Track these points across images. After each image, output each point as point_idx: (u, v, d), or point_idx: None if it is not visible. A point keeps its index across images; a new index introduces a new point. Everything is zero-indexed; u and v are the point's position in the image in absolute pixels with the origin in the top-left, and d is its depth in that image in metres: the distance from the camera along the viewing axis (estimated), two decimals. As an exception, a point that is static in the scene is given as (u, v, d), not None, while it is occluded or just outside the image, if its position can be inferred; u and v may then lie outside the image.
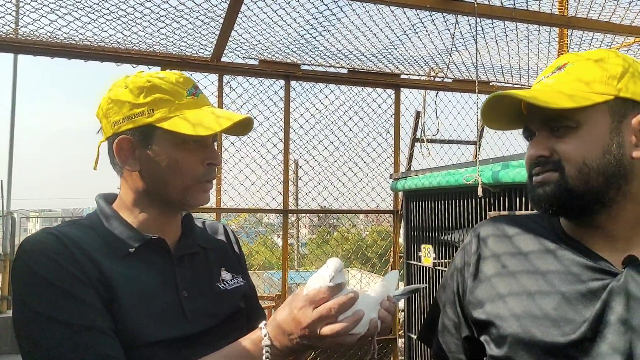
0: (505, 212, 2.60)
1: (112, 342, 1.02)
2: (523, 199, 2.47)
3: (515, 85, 4.76)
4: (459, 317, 1.18)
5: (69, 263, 1.03)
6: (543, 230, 1.09)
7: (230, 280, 1.30)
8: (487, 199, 2.78)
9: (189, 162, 1.15)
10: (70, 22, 3.08)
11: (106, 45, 3.57)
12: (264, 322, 1.12)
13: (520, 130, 1.10)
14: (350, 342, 1.07)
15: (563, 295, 0.98)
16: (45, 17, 2.99)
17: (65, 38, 3.40)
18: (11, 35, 3.37)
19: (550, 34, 3.66)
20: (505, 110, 1.06)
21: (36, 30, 3.25)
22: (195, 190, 1.17)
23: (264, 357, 1.07)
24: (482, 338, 1.12)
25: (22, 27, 3.23)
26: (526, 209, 2.46)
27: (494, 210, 2.72)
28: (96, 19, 3.06)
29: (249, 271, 1.47)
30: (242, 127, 1.25)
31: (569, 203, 0.98)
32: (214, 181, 1.25)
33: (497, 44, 3.76)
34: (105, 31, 3.28)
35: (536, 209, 1.05)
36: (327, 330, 1.03)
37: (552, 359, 0.96)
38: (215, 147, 1.25)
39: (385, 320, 1.12)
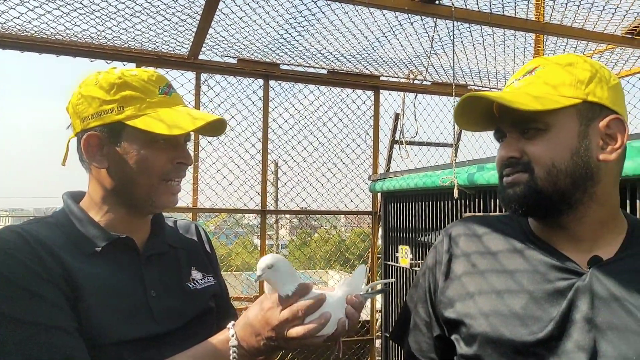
0: (481, 214, 2.61)
1: (76, 342, 1.00)
2: (498, 200, 2.48)
3: (492, 89, 4.79)
4: (431, 316, 1.20)
5: (31, 261, 1.01)
6: (512, 231, 1.12)
7: (201, 279, 1.29)
8: (463, 201, 2.79)
9: (158, 160, 1.14)
10: (41, 15, 2.99)
11: (79, 40, 3.48)
12: (232, 322, 1.12)
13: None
14: (317, 343, 1.07)
15: (531, 295, 1.01)
16: (13, 9, 2.90)
17: (35, 32, 3.31)
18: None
19: (526, 39, 3.70)
20: (477, 111, 1.08)
21: (4, 23, 3.15)
22: (161, 190, 1.16)
23: (231, 358, 1.07)
24: (453, 337, 1.13)
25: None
26: (500, 211, 2.48)
27: (470, 211, 2.74)
28: (68, 13, 2.98)
29: (227, 272, 1.46)
30: (215, 129, 1.25)
31: (538, 203, 1.01)
32: (190, 181, 1.25)
33: (474, 48, 3.79)
34: (78, 25, 3.19)
35: (506, 209, 1.07)
36: (293, 332, 1.04)
37: (520, 357, 0.99)
38: (189, 147, 1.24)
39: (352, 318, 1.12)
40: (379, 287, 1.28)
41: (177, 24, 3.22)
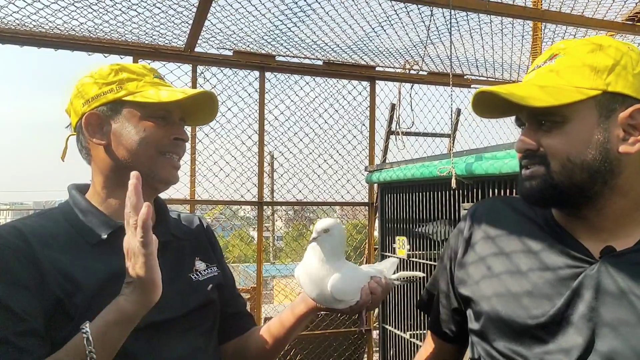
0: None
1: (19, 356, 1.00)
2: (496, 190, 2.49)
3: (489, 79, 4.78)
4: (449, 290, 1.25)
5: (20, 262, 1.03)
6: (534, 215, 1.11)
7: (204, 270, 1.31)
8: (460, 191, 2.79)
9: (155, 134, 1.19)
10: (40, 9, 3.00)
11: (77, 34, 3.50)
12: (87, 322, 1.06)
13: (493, 122, 1.12)
14: (343, 311, 1.16)
15: (537, 280, 1.02)
16: (13, 3, 2.92)
17: (34, 26, 3.34)
18: (-22, 23, 3.28)
19: (524, 27, 3.68)
20: (494, 101, 1.04)
21: (4, 18, 3.17)
22: (161, 163, 1.20)
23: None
24: (467, 312, 1.19)
25: (-11, 14, 3.15)
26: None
27: (468, 202, 2.74)
28: (66, 7, 2.99)
29: None
30: (207, 114, 1.31)
31: (554, 197, 1.00)
32: (188, 173, 1.29)
33: (471, 37, 3.77)
34: (75, 19, 3.21)
35: (525, 202, 1.07)
36: None
37: (520, 338, 1.02)
38: (185, 129, 1.29)
39: (374, 292, 1.19)
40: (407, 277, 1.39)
41: (173, 16, 3.21)
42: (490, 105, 1.06)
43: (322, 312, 4.69)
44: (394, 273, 1.31)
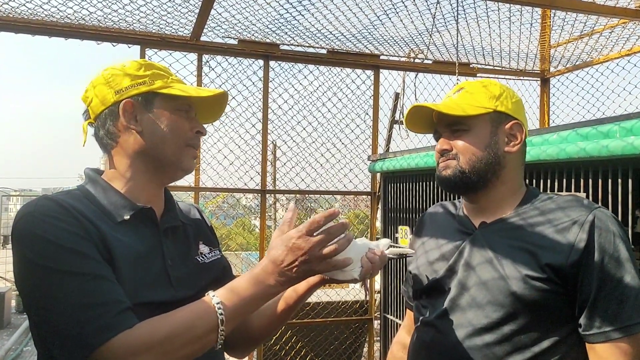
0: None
1: (118, 288, 1.10)
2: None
3: (495, 67, 4.76)
4: (408, 272, 1.67)
5: (72, 225, 1.10)
6: (454, 211, 1.59)
7: (208, 253, 1.41)
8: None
9: (183, 126, 1.31)
10: None
11: (86, 24, 3.54)
12: (211, 292, 1.17)
13: None
14: (344, 265, 1.18)
15: (444, 249, 1.51)
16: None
17: (46, 16, 3.39)
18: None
19: (532, 15, 3.64)
20: (422, 118, 1.52)
21: (17, 8, 3.22)
22: (186, 152, 1.31)
23: (217, 314, 1.12)
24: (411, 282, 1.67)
25: (3, 4, 3.19)
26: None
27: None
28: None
29: (227, 252, 1.53)
30: (214, 113, 1.44)
31: (462, 181, 1.43)
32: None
33: (478, 25, 3.75)
34: (85, 9, 3.25)
35: (441, 187, 1.54)
36: (326, 250, 1.13)
37: (431, 290, 1.50)
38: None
39: (372, 261, 1.27)
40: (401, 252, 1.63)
41: (179, 5, 3.22)
42: (420, 120, 1.52)
43: (323, 301, 4.71)
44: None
